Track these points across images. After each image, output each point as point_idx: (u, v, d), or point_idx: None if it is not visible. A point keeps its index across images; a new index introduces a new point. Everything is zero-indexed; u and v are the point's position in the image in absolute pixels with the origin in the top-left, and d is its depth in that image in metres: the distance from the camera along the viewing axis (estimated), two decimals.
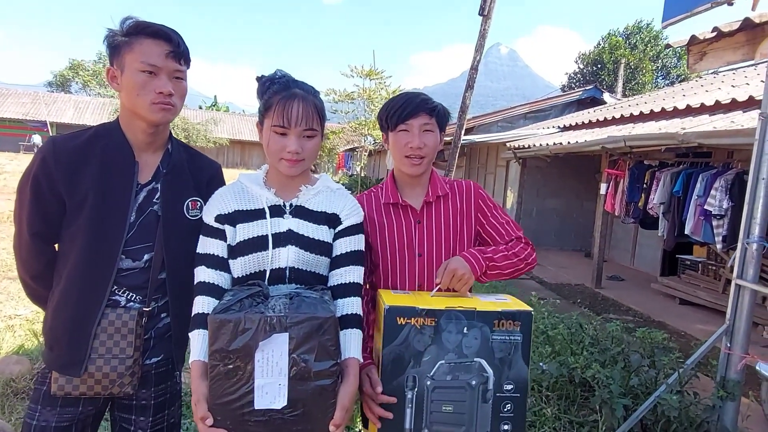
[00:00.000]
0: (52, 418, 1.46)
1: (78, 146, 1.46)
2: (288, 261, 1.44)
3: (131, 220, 1.47)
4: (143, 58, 1.41)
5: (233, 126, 37.22)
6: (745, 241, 2.90)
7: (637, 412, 3.04)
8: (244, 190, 1.52)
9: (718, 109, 6.39)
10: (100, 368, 1.42)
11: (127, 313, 1.45)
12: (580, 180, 10.92)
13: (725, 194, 5.29)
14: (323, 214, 1.52)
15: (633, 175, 6.96)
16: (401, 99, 1.70)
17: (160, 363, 1.57)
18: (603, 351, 3.39)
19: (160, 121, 1.48)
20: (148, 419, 1.57)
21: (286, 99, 1.41)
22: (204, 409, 1.26)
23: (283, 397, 1.25)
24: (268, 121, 1.44)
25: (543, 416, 3.28)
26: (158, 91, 1.42)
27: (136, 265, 1.49)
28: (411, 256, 1.73)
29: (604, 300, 7.11)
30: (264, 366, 1.24)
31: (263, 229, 1.45)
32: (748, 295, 2.91)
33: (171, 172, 1.56)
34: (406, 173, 1.74)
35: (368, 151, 20.48)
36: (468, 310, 1.45)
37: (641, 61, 33.56)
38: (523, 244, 1.75)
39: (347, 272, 1.50)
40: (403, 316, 1.43)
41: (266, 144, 1.46)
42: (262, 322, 1.23)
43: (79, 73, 41.51)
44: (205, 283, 1.44)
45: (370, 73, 17.60)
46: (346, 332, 1.42)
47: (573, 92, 14.85)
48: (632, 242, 9.77)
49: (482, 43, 5.75)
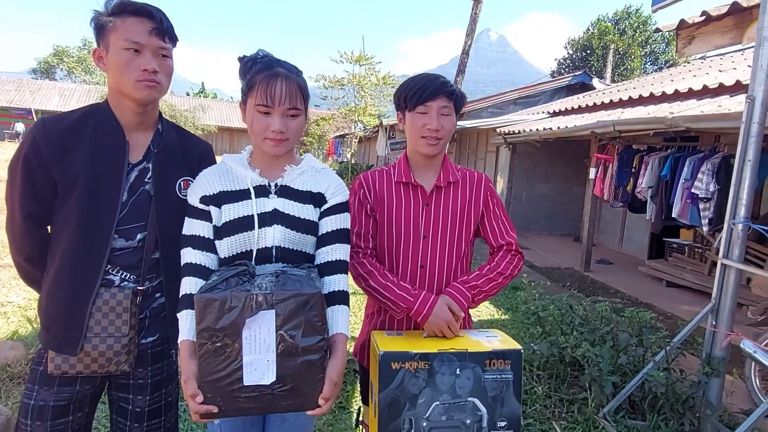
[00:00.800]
0: (50, 397, 1.47)
1: (68, 126, 1.46)
2: (274, 240, 1.46)
3: (123, 200, 1.47)
4: (126, 36, 1.40)
5: (221, 113, 36.82)
6: (731, 221, 2.97)
7: (625, 389, 3.13)
8: (229, 171, 1.52)
9: (705, 93, 6.46)
10: (96, 347, 1.44)
11: (122, 292, 1.46)
12: (570, 165, 11.00)
13: (712, 177, 5.37)
14: (308, 194, 1.53)
15: (622, 159, 7.03)
16: (422, 80, 1.71)
17: (156, 342, 1.59)
18: (592, 331, 3.47)
19: (145, 99, 1.47)
20: (146, 398, 1.59)
21: (269, 78, 1.41)
22: (194, 387, 1.28)
23: (272, 373, 1.27)
24: (251, 100, 1.43)
25: (534, 394, 3.36)
26: (142, 69, 1.42)
27: (129, 245, 1.49)
28: (416, 236, 1.76)
29: (593, 283, 7.22)
30: (252, 343, 1.26)
31: (248, 209, 1.46)
32: (733, 275, 2.98)
33: (162, 151, 1.56)
34: (421, 153, 1.76)
35: (358, 137, 20.41)
36: (460, 352, 1.51)
37: (630, 47, 33.67)
38: (511, 254, 1.80)
39: (333, 250, 1.52)
40: (397, 361, 1.48)
41: (250, 124, 1.45)
42: (248, 300, 1.25)
43: (64, 60, 40.76)
44: (191, 264, 1.45)
45: (360, 59, 17.49)
46: (333, 309, 1.45)
47: (562, 78, 14.90)
48: (620, 226, 9.90)
49: (473, 28, 5.76)
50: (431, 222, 1.77)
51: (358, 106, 18.14)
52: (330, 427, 2.82)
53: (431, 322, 1.64)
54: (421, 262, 1.76)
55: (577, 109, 10.07)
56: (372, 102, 18.63)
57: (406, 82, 1.75)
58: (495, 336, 1.65)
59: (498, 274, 1.75)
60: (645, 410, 3.14)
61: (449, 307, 1.65)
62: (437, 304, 1.64)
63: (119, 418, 1.61)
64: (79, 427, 1.53)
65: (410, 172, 1.79)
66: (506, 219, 1.86)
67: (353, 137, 20.34)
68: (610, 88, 11.82)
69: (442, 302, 1.65)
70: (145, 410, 1.60)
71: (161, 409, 1.64)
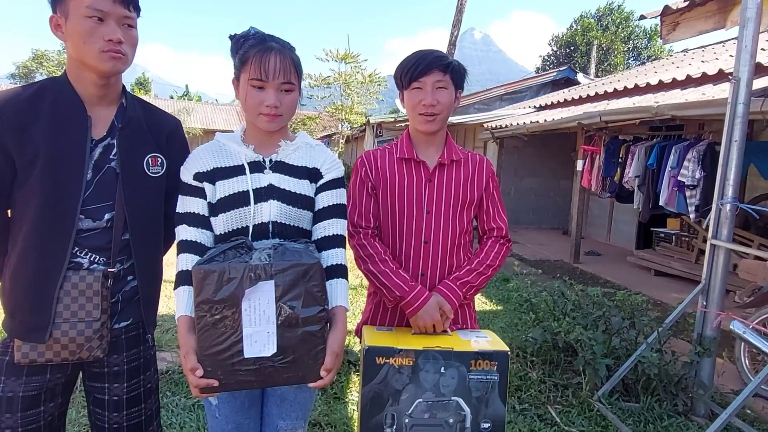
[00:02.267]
0: (18, 388, 1.38)
1: (24, 101, 1.36)
2: (270, 215, 1.44)
3: (88, 178, 1.39)
4: (89, 3, 1.31)
5: (206, 115, 36.56)
6: (719, 202, 3.00)
7: (619, 371, 3.15)
8: (222, 148, 1.51)
9: (689, 83, 6.53)
10: (66, 333, 1.36)
11: (91, 275, 1.39)
12: (557, 159, 11.07)
13: (698, 165, 5.43)
14: (304, 169, 1.52)
15: (608, 150, 7.09)
16: (415, 57, 1.70)
17: (130, 327, 1.51)
18: (585, 315, 3.48)
19: (110, 71, 1.39)
20: (123, 385, 1.51)
21: (262, 52, 1.39)
22: (193, 361, 1.26)
23: (273, 345, 1.26)
24: (245, 75, 1.41)
25: (528, 380, 3.36)
26: (107, 39, 1.33)
27: (97, 225, 1.42)
28: (419, 212, 1.76)
29: (583, 274, 7.26)
30: (251, 314, 1.24)
31: (244, 184, 1.45)
32: (722, 255, 3.01)
33: (127, 126, 1.48)
34: (420, 131, 1.76)
35: (345, 137, 20.36)
36: (445, 351, 1.51)
37: (613, 43, 34.02)
38: (499, 243, 1.82)
39: (330, 225, 1.51)
40: (381, 356, 1.48)
41: (243, 99, 1.44)
42: (247, 271, 1.23)
43: (44, 64, 40.13)
44: (187, 241, 1.42)
45: (346, 57, 17.46)
46: (332, 282, 1.43)
47: (548, 73, 15.00)
48: (608, 218, 9.98)
49: (459, 18, 5.77)
50: (434, 198, 1.76)
51: (345, 105, 18.10)
52: (325, 417, 2.80)
53: (418, 317, 1.65)
54: (424, 237, 1.76)
55: (563, 102, 10.13)
56: (359, 100, 18.61)
57: (402, 61, 1.74)
58: (484, 337, 1.66)
59: (487, 267, 1.78)
60: (639, 392, 3.16)
61: (441, 307, 1.67)
62: (429, 302, 1.66)
63: (96, 409, 1.53)
64: (51, 419, 1.45)
65: (413, 149, 1.78)
66: (501, 204, 1.87)
67: (340, 136, 20.28)
68: (595, 82, 11.92)
69: (433, 300, 1.67)
70: (123, 398, 1.52)
71: (140, 396, 1.56)
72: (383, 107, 25.82)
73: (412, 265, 1.77)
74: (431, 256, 1.77)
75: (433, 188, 1.77)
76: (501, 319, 4.74)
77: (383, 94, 20.34)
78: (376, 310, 1.83)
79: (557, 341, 3.53)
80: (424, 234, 1.76)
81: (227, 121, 36.84)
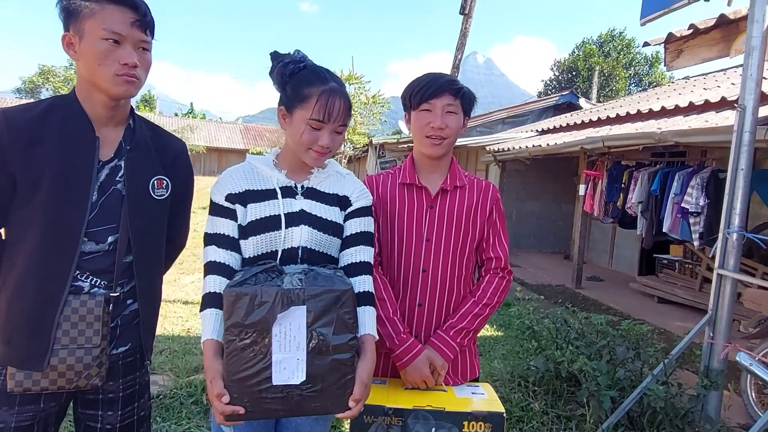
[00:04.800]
0: (10, 418, 1.32)
1: (34, 119, 1.33)
2: (301, 240, 1.42)
3: (93, 200, 1.36)
4: (106, 25, 1.29)
5: (210, 133, 36.84)
6: (726, 231, 2.95)
7: (624, 404, 3.05)
8: (254, 171, 1.49)
9: (691, 110, 6.54)
10: (64, 360, 1.31)
11: (92, 300, 1.34)
12: (559, 183, 11.05)
13: (701, 192, 5.39)
14: (335, 196, 1.52)
15: (611, 175, 7.06)
16: (426, 78, 1.67)
17: (127, 352, 1.47)
18: (589, 344, 3.40)
19: (122, 95, 1.37)
20: (117, 413, 1.46)
21: (328, 94, 1.38)
22: (220, 386, 1.22)
23: (302, 372, 1.21)
24: (303, 112, 1.39)
25: (530, 411, 3.27)
26: (123, 62, 1.32)
27: (100, 248, 1.38)
28: (419, 239, 1.71)
29: (585, 300, 7.17)
30: (282, 340, 1.20)
31: (275, 208, 1.43)
32: (729, 285, 2.95)
33: (135, 148, 1.45)
34: (425, 154, 1.71)
35: (348, 157, 20.42)
36: (436, 410, 1.45)
37: (614, 69, 34.38)
38: (498, 277, 1.76)
39: (358, 252, 1.49)
40: (370, 415, 1.43)
41: (297, 135, 1.41)
42: (280, 295, 1.20)
43: (50, 80, 40.54)
44: (216, 263, 1.39)
45: (350, 78, 17.58)
46: (360, 309, 1.39)
47: (550, 97, 15.07)
48: (610, 244, 9.91)
49: (463, 42, 5.80)
50: (435, 225, 1.71)
51: (348, 126, 18.20)
52: None
53: (407, 372, 1.60)
54: (423, 266, 1.70)
55: (565, 127, 10.16)
56: (361, 121, 18.69)
57: (412, 81, 1.71)
58: (482, 394, 1.59)
59: (484, 307, 1.71)
60: (644, 426, 3.06)
61: (432, 362, 1.61)
62: (419, 357, 1.60)
63: None
64: None
65: (415, 174, 1.74)
66: (503, 233, 1.81)
67: (343, 156, 20.33)
68: (597, 107, 11.97)
69: (424, 356, 1.61)
70: (117, 426, 1.46)
71: (133, 425, 1.51)
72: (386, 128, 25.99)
73: (410, 294, 1.71)
74: (429, 286, 1.71)
75: (434, 215, 1.71)
76: (502, 345, 4.65)
77: (386, 116, 20.46)
78: None
79: (560, 371, 3.44)
80: (423, 262, 1.70)
81: (230, 139, 37.09)
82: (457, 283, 1.73)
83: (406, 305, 1.71)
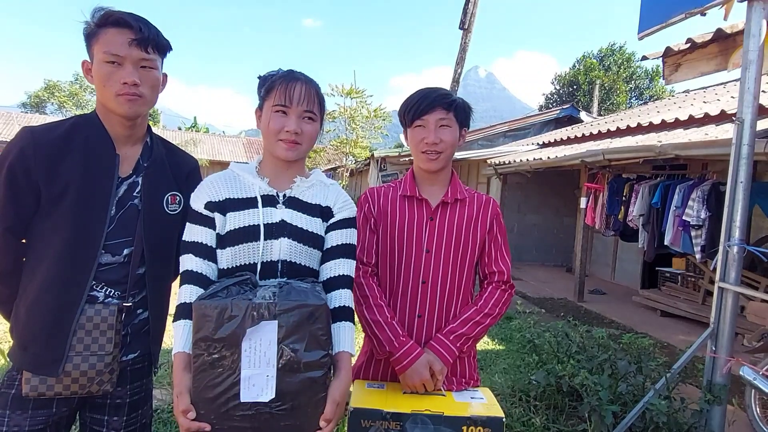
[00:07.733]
0: (24, 422, 1.37)
1: (59, 137, 1.41)
2: (281, 253, 1.40)
3: (111, 214, 1.43)
4: (106, 48, 1.37)
5: (213, 147, 36.97)
6: (726, 244, 2.93)
7: (626, 419, 3.02)
8: (236, 179, 1.48)
9: (691, 123, 6.56)
10: (78, 366, 1.37)
11: (106, 309, 1.40)
12: (560, 196, 11.05)
13: (702, 204, 5.38)
14: (317, 207, 1.49)
15: (612, 188, 7.06)
16: (418, 95, 1.69)
17: (136, 360, 1.53)
18: (590, 358, 3.37)
19: (127, 113, 1.43)
20: (122, 419, 1.51)
21: (288, 80, 1.42)
22: (186, 402, 1.20)
23: (271, 390, 1.18)
24: (269, 102, 1.43)
25: (531, 426, 3.23)
26: (122, 82, 1.38)
27: (116, 260, 1.45)
28: (419, 251, 1.71)
29: (587, 313, 7.13)
30: (251, 356, 1.17)
31: (255, 218, 1.41)
32: (731, 298, 2.93)
33: (152, 165, 1.53)
34: (423, 168, 1.73)
35: (350, 170, 20.48)
36: (435, 415, 1.44)
37: (615, 83, 34.57)
38: (500, 290, 1.75)
39: (338, 265, 1.46)
40: (367, 419, 1.42)
41: (265, 125, 1.44)
42: (250, 309, 1.17)
43: (55, 94, 40.90)
44: (191, 272, 1.38)
45: (351, 92, 17.69)
46: (337, 325, 1.38)
47: (551, 111, 15.14)
48: (612, 257, 9.87)
49: (463, 56, 5.85)
50: (435, 236, 1.71)
51: (350, 139, 18.26)
52: None
53: (407, 376, 1.59)
54: (422, 277, 1.70)
55: (566, 140, 10.18)
56: (363, 134, 18.78)
57: (406, 99, 1.73)
58: (481, 398, 1.58)
59: (485, 316, 1.70)
60: None
61: (431, 365, 1.60)
62: (418, 360, 1.59)
63: None
64: None
65: (415, 187, 1.75)
66: (505, 247, 1.81)
67: (344, 170, 20.39)
68: (598, 120, 12.01)
69: (423, 359, 1.60)
70: None
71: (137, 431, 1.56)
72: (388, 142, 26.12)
73: (409, 306, 1.71)
74: (429, 297, 1.70)
75: (434, 227, 1.72)
76: (503, 359, 4.61)
77: (388, 129, 20.55)
78: (371, 355, 1.76)
79: (562, 385, 3.41)
80: (423, 274, 1.70)
81: (233, 152, 37.24)
82: (457, 294, 1.73)
83: (406, 316, 1.70)
